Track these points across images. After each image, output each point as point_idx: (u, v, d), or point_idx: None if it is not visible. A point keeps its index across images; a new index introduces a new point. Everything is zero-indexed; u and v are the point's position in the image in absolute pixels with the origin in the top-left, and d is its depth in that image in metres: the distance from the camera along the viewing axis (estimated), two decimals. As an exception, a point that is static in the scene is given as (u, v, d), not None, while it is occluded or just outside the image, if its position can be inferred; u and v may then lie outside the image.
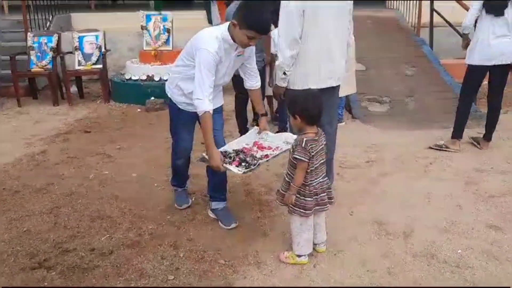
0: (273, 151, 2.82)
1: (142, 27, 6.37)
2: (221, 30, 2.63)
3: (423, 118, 5.03)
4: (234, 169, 2.64)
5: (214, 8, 7.43)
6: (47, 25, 7.46)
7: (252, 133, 3.04)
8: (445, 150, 4.19)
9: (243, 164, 2.67)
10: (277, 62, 3.02)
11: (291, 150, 2.51)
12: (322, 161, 2.51)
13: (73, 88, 6.53)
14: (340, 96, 4.77)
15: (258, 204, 3.27)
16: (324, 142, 2.54)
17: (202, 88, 2.57)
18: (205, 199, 3.29)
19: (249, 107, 4.68)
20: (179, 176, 3.26)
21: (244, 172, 2.63)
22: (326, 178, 2.59)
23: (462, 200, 3.28)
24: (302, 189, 2.48)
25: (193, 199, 3.32)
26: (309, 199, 2.48)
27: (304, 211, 2.48)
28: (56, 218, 3.07)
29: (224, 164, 2.66)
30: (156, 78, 6.05)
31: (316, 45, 2.93)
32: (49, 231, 2.90)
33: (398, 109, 5.27)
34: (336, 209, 3.03)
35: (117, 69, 7.17)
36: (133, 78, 6.14)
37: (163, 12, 6.40)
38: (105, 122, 5.36)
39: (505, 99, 5.70)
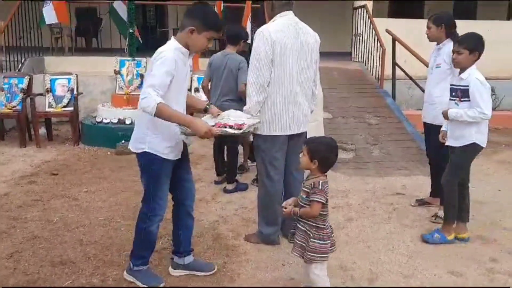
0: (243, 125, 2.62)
1: (116, 72, 6.46)
2: (172, 43, 2.53)
3: (387, 165, 5.21)
4: (230, 130, 2.52)
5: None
6: (19, 67, 7.47)
7: (208, 118, 2.77)
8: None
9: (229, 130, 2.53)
10: (245, 107, 3.13)
11: (303, 194, 2.53)
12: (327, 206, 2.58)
13: (42, 130, 6.48)
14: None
15: (226, 249, 3.27)
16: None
17: (155, 86, 2.33)
18: (171, 243, 3.27)
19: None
20: (149, 246, 2.75)
21: (242, 132, 2.55)
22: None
23: (424, 246, 3.37)
24: (319, 234, 2.50)
25: (159, 243, 3.29)
26: (328, 241, 2.53)
27: (325, 255, 2.52)
28: (16, 263, 2.98)
29: (217, 128, 2.47)
30: (128, 122, 6.08)
31: (283, 93, 3.07)
32: (8, 277, 2.81)
33: (363, 156, 5.45)
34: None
35: (89, 112, 7.17)
36: (104, 121, 6.15)
37: (137, 58, 6.52)
38: (73, 164, 5.30)
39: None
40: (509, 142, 6.37)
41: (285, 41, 3.02)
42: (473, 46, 3.21)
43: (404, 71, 7.01)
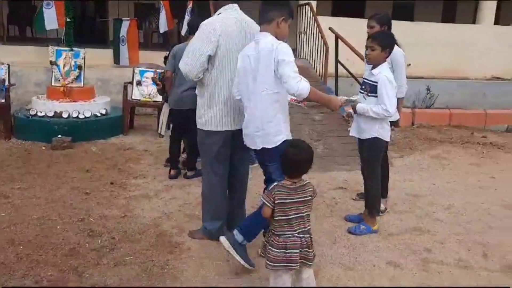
0: None
1: (51, 62, 6.12)
2: (268, 35, 2.80)
3: (329, 160, 5.32)
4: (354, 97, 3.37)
5: (123, 48, 7.39)
6: None
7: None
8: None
9: None
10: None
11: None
12: (300, 215, 2.43)
13: (-31, 124, 6.02)
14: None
15: (169, 246, 3.19)
16: (309, 196, 2.47)
17: (297, 71, 2.69)
18: (112, 242, 3.16)
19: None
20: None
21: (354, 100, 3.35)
22: (308, 235, 2.46)
23: (364, 238, 3.48)
24: (272, 239, 2.42)
25: (99, 242, 3.16)
26: (276, 251, 2.38)
27: (268, 262, 2.41)
28: None
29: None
30: (65, 115, 5.78)
31: (228, 89, 3.03)
32: None
33: (307, 152, 5.52)
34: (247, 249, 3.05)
35: (22, 104, 6.74)
36: (39, 114, 5.81)
37: (75, 48, 6.22)
38: (5, 160, 4.97)
39: (401, 143, 6.28)
40: (442, 139, 6.71)
41: (230, 35, 2.98)
42: (385, 43, 3.34)
43: (346, 69, 7.19)
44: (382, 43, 3.32)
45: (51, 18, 6.54)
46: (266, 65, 2.74)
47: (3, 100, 5.88)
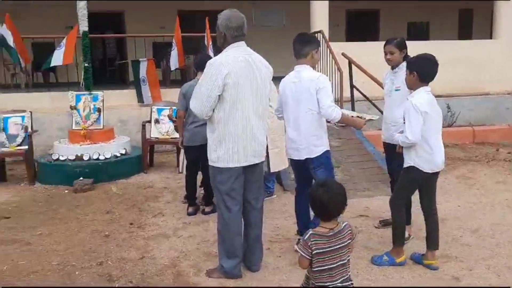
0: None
1: (72, 107, 6.30)
2: (309, 68, 3.46)
3: (350, 187, 5.22)
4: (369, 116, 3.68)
5: (145, 88, 7.57)
6: (-31, 106, 7.19)
7: None
8: None
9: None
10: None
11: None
12: (341, 262, 2.29)
13: (-5, 171, 6.21)
14: (272, 171, 4.93)
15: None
16: (348, 240, 2.31)
17: (333, 101, 3.39)
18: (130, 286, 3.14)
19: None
20: None
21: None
22: (349, 282, 2.35)
23: (388, 270, 3.34)
24: None
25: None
26: None
27: None
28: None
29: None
30: (86, 158, 5.90)
31: (238, 126, 3.04)
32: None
33: (327, 180, 5.45)
34: (265, 284, 2.99)
35: (45, 149, 6.92)
36: (61, 158, 5.94)
37: (94, 92, 6.40)
38: (28, 206, 5.07)
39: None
40: (467, 157, 6.54)
41: (237, 73, 3.00)
42: (414, 68, 3.25)
43: (361, 93, 7.14)
44: (412, 69, 3.25)
45: (58, 57, 6.81)
46: (309, 91, 3.35)
47: (26, 147, 6.05)
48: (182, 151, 4.84)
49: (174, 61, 7.44)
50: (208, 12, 7.74)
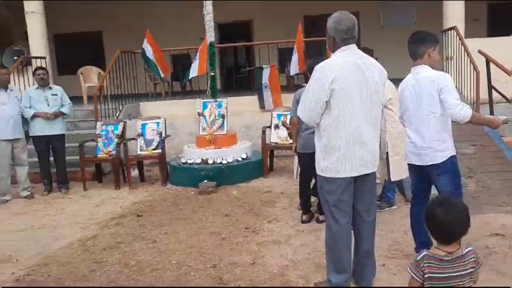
0: None
1: (199, 114, 6.72)
2: (428, 68, 3.25)
3: (484, 200, 4.65)
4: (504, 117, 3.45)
5: (267, 93, 7.71)
6: (117, 114, 8.13)
7: None
8: None
9: None
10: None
11: None
12: None
13: (135, 172, 6.91)
14: (393, 180, 4.63)
15: (294, 298, 3.10)
16: (471, 268, 2.03)
17: (459, 100, 3.11)
18: None
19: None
20: None
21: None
22: None
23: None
24: None
25: None
26: None
27: None
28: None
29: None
30: (210, 162, 6.24)
31: (346, 132, 2.89)
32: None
33: (457, 191, 4.92)
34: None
35: (178, 152, 7.51)
36: (189, 161, 6.37)
37: (219, 99, 6.74)
38: (158, 205, 5.52)
39: None
40: None
41: (346, 77, 2.86)
42: None
43: (502, 94, 6.33)
44: None
45: (194, 69, 7.24)
46: (429, 93, 3.16)
47: (160, 151, 6.61)
48: (296, 157, 4.80)
49: (294, 66, 7.47)
50: (333, 15, 7.61)
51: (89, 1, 11.88)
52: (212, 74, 6.76)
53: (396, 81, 3.87)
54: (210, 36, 6.70)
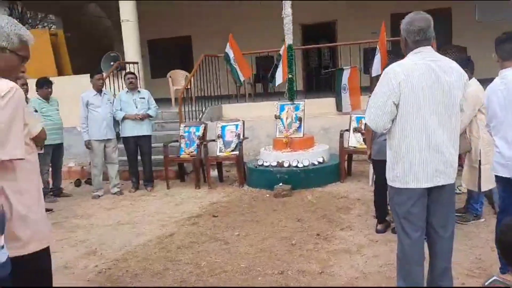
0: None
1: (276, 116, 6.74)
2: None
3: None
4: None
5: (345, 96, 7.52)
6: (200, 116, 8.44)
7: None
8: None
9: None
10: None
11: None
12: None
13: (214, 172, 7.12)
14: (483, 190, 4.27)
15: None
16: None
17: None
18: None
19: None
20: None
21: None
22: None
23: None
24: None
25: None
26: None
27: None
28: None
29: None
30: (286, 164, 6.22)
31: (416, 139, 2.70)
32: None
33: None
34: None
35: (256, 154, 7.61)
36: (265, 164, 6.42)
37: (296, 101, 6.70)
38: (234, 206, 5.63)
39: None
40: None
41: (416, 81, 2.67)
42: None
43: None
44: None
45: (279, 76, 7.24)
46: None
47: (237, 152, 6.74)
48: (371, 164, 4.62)
49: (376, 67, 7.18)
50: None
51: (178, 3, 12.45)
52: (289, 76, 6.73)
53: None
54: (289, 38, 6.69)
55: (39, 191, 2.14)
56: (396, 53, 7.65)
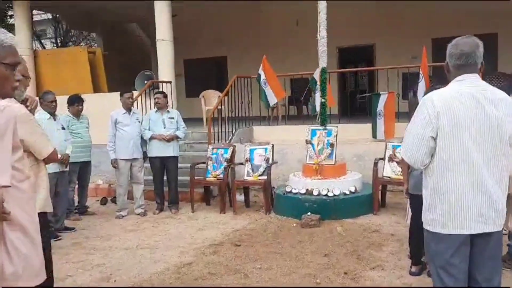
0: None
1: (307, 141, 6.46)
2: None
3: None
4: None
5: (380, 122, 7.17)
6: (230, 137, 8.26)
7: None
8: None
9: None
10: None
11: None
12: None
13: (241, 197, 6.87)
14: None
15: None
16: None
17: None
18: None
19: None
20: None
21: None
22: None
23: None
24: None
25: None
26: None
27: None
28: None
29: None
30: (315, 193, 5.91)
31: (457, 178, 2.37)
32: None
33: None
34: None
35: (285, 179, 7.31)
36: (293, 191, 6.13)
37: (328, 127, 6.41)
38: (258, 235, 5.35)
39: None
40: None
41: (457, 112, 2.36)
42: None
43: None
44: None
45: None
46: None
47: (265, 177, 6.48)
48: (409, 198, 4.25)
49: (421, 94, 6.82)
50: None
51: (216, 23, 12.50)
52: (322, 101, 6.47)
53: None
54: (323, 61, 6.45)
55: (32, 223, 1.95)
56: (439, 77, 7.27)
